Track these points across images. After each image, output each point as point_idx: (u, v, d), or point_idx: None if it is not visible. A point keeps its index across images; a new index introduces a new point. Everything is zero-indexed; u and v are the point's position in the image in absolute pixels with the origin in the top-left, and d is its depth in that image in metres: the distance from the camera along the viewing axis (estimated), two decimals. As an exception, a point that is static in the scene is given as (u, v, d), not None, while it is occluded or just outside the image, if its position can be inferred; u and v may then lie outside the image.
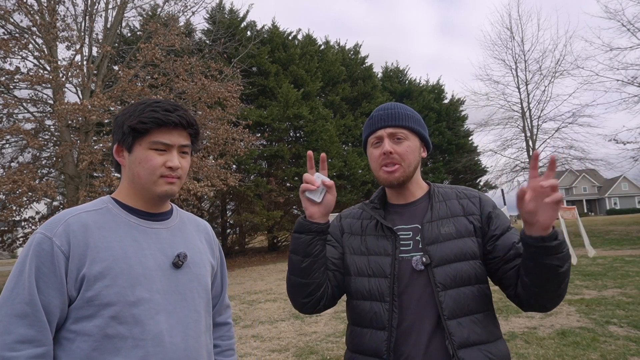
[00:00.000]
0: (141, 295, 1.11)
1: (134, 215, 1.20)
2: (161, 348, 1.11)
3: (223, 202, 22.29)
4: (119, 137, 1.20)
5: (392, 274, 1.23)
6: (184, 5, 16.59)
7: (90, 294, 1.06)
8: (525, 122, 24.86)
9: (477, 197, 1.33)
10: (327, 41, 25.42)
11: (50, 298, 1.04)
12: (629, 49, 20.20)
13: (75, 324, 1.07)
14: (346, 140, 24.69)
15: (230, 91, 13.98)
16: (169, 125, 1.18)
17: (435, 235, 1.24)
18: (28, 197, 11.72)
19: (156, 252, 1.18)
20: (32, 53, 12.72)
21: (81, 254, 1.08)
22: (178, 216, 1.32)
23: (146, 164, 1.17)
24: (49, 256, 1.05)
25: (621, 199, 59.72)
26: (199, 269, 1.27)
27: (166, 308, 1.15)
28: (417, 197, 1.36)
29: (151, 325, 1.11)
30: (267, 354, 5.00)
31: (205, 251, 1.34)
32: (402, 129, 1.30)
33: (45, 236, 1.07)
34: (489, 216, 1.28)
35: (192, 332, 1.19)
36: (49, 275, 1.05)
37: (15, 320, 1.01)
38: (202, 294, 1.26)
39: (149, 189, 1.20)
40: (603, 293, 7.11)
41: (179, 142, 1.20)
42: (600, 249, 14.06)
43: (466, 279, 1.20)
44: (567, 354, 4.33)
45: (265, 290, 9.99)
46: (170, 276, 1.18)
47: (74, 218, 1.12)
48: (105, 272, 1.08)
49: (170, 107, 1.20)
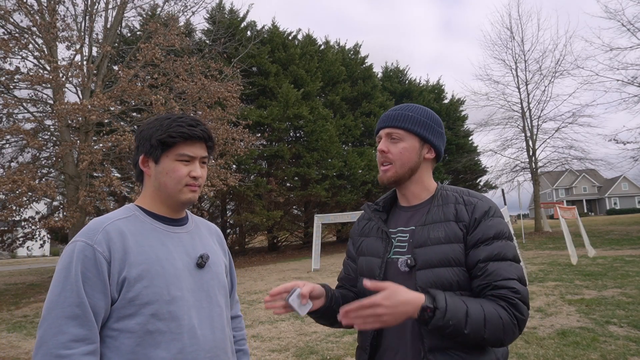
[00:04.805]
0: (175, 294, 1.23)
1: (158, 221, 1.32)
2: (195, 340, 1.24)
3: (223, 202, 22.29)
4: (146, 149, 1.31)
5: (380, 275, 1.29)
6: (184, 5, 16.65)
7: (132, 294, 1.18)
8: (525, 122, 24.88)
9: (474, 203, 1.28)
10: (327, 41, 25.42)
11: (96, 300, 1.15)
12: (629, 49, 20.24)
13: (118, 323, 1.18)
14: (346, 140, 24.67)
15: (230, 91, 13.97)
16: (193, 139, 1.31)
17: (424, 238, 1.25)
18: (28, 197, 11.73)
19: (182, 254, 1.31)
20: (32, 53, 12.71)
21: (121, 258, 1.19)
22: (193, 221, 1.45)
23: (173, 174, 1.30)
24: (93, 262, 1.16)
25: (621, 199, 59.72)
26: (218, 268, 1.41)
27: (195, 305, 1.28)
28: (422, 200, 1.36)
29: (185, 320, 1.23)
30: (267, 354, 5.00)
31: (219, 252, 1.48)
32: (397, 129, 1.33)
33: (86, 244, 1.17)
34: (475, 223, 1.24)
35: (218, 324, 1.33)
36: (93, 280, 1.15)
37: (67, 322, 1.11)
38: (222, 291, 1.40)
39: (174, 196, 1.32)
40: (603, 293, 7.11)
41: (201, 154, 1.34)
42: (600, 249, 14.07)
43: (447, 285, 1.19)
44: (567, 354, 4.32)
45: (265, 290, 9.99)
46: (195, 276, 1.31)
47: (111, 226, 1.23)
48: (144, 274, 1.20)
49: (194, 122, 1.33)
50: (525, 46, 29.78)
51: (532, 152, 24.40)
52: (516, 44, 32.41)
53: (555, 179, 59.81)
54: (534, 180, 24.41)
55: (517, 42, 30.54)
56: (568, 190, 62.29)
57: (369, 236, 1.41)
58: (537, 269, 10.37)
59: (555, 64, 24.52)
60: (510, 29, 33.21)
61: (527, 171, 24.96)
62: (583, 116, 23.54)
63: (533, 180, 24.46)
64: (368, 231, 1.43)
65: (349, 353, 4.77)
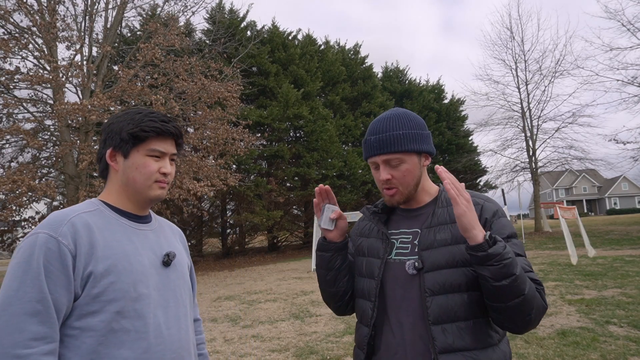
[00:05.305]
0: (142, 291, 1.18)
1: (124, 217, 1.28)
2: (161, 339, 1.20)
3: (223, 202, 22.29)
4: (115, 142, 1.27)
5: (379, 275, 1.30)
6: (184, 5, 16.66)
7: (97, 290, 1.12)
8: (525, 122, 24.87)
9: (480, 204, 1.30)
10: (327, 41, 25.44)
11: (58, 296, 1.08)
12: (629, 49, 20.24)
13: (80, 320, 1.11)
14: (346, 140, 24.69)
15: (230, 91, 13.97)
16: (165, 135, 1.29)
17: (431, 240, 1.26)
18: (28, 197, 11.73)
19: (148, 251, 1.26)
20: (32, 53, 12.71)
21: (87, 252, 1.13)
22: (157, 220, 1.41)
23: (143, 169, 1.26)
24: (57, 255, 1.09)
25: (621, 199, 59.73)
26: (183, 268, 1.38)
27: (162, 303, 1.24)
28: (424, 203, 1.37)
29: (151, 319, 1.19)
30: (267, 354, 5.00)
31: (183, 252, 1.44)
32: (396, 154, 1.27)
33: (50, 236, 1.11)
34: (486, 223, 1.26)
35: (184, 324, 1.30)
36: (56, 274, 1.09)
37: (26, 319, 1.04)
38: (187, 291, 1.37)
39: (142, 192, 1.28)
40: (603, 293, 7.11)
41: (171, 151, 1.32)
42: (600, 249, 14.06)
43: (456, 286, 1.19)
44: (567, 354, 4.32)
45: (265, 290, 9.99)
46: (162, 274, 1.27)
47: (77, 218, 1.17)
48: (111, 269, 1.14)
49: (166, 118, 1.31)
50: (525, 46, 29.89)
51: (532, 152, 24.40)
52: (516, 44, 32.49)
53: (555, 179, 59.84)
54: (534, 180, 24.42)
55: (517, 42, 30.62)
56: (568, 190, 62.30)
57: (369, 237, 1.41)
58: (537, 269, 10.37)
59: (555, 64, 24.56)
60: (510, 29, 33.27)
61: (527, 171, 24.96)
62: (583, 116, 23.59)
63: (533, 180, 24.46)
64: (368, 232, 1.43)
65: (349, 353, 4.77)
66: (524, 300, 1.10)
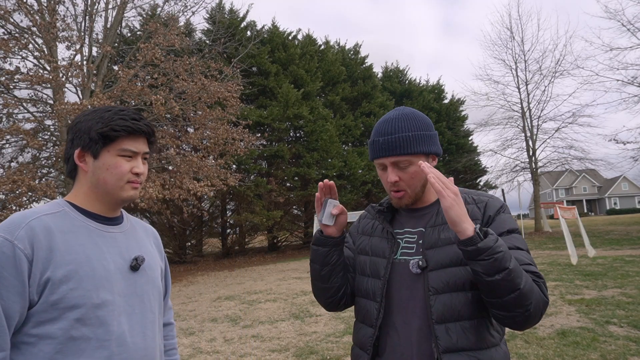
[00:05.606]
0: (105, 298, 1.13)
1: (91, 219, 1.22)
2: (124, 348, 1.15)
3: (223, 202, 22.30)
4: (83, 142, 1.21)
5: (385, 276, 1.28)
6: (184, 5, 16.66)
7: (55, 297, 1.06)
8: (525, 122, 24.87)
9: (485, 201, 1.30)
10: (327, 41, 25.44)
11: (10, 303, 1.03)
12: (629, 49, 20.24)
13: (37, 328, 1.06)
14: (346, 140, 24.69)
15: (230, 91, 13.97)
16: (137, 133, 1.23)
17: (435, 239, 1.25)
18: (28, 197, 11.71)
19: (115, 255, 1.21)
20: (32, 53, 12.71)
21: (45, 257, 1.07)
22: (129, 221, 1.35)
23: (115, 170, 1.21)
24: (11, 260, 1.03)
25: (621, 199, 59.72)
26: (153, 272, 1.32)
27: (126, 310, 1.19)
28: (430, 202, 1.36)
29: (114, 326, 1.14)
30: (267, 354, 5.00)
31: (155, 254, 1.38)
32: (404, 156, 1.26)
33: (5, 239, 1.05)
34: (489, 220, 1.27)
35: (150, 332, 1.24)
36: (9, 280, 1.03)
37: None
38: (156, 296, 1.31)
39: (114, 193, 1.23)
40: (603, 293, 7.11)
41: (143, 150, 1.27)
42: (600, 249, 14.06)
43: (460, 284, 1.19)
44: (567, 354, 4.32)
45: (265, 290, 9.99)
46: (128, 279, 1.22)
47: (36, 221, 1.10)
48: (70, 275, 1.09)
49: (137, 116, 1.25)
50: (525, 46, 29.92)
51: (532, 152, 24.41)
52: (516, 44, 32.54)
53: (555, 179, 59.83)
54: (534, 180, 24.41)
55: (517, 42, 30.68)
56: (568, 190, 62.29)
57: (373, 236, 1.40)
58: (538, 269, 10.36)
59: (555, 64, 24.58)
60: (510, 29, 33.32)
61: (527, 171, 24.96)
62: (583, 116, 23.59)
63: (533, 180, 24.46)
64: (371, 231, 1.42)
65: (348, 353, 4.77)
66: (520, 294, 1.07)
